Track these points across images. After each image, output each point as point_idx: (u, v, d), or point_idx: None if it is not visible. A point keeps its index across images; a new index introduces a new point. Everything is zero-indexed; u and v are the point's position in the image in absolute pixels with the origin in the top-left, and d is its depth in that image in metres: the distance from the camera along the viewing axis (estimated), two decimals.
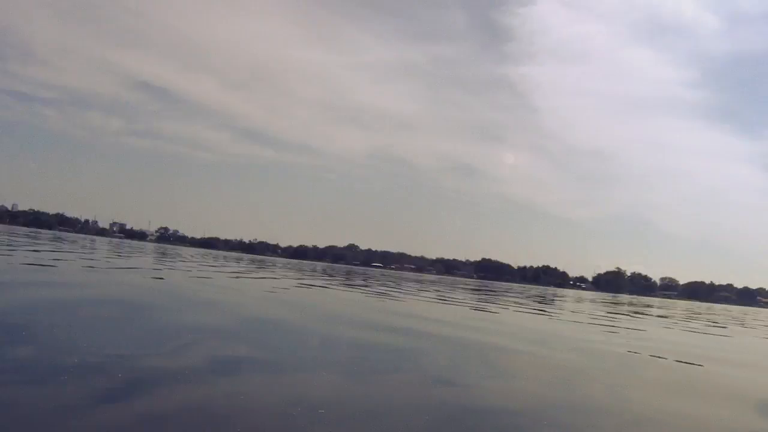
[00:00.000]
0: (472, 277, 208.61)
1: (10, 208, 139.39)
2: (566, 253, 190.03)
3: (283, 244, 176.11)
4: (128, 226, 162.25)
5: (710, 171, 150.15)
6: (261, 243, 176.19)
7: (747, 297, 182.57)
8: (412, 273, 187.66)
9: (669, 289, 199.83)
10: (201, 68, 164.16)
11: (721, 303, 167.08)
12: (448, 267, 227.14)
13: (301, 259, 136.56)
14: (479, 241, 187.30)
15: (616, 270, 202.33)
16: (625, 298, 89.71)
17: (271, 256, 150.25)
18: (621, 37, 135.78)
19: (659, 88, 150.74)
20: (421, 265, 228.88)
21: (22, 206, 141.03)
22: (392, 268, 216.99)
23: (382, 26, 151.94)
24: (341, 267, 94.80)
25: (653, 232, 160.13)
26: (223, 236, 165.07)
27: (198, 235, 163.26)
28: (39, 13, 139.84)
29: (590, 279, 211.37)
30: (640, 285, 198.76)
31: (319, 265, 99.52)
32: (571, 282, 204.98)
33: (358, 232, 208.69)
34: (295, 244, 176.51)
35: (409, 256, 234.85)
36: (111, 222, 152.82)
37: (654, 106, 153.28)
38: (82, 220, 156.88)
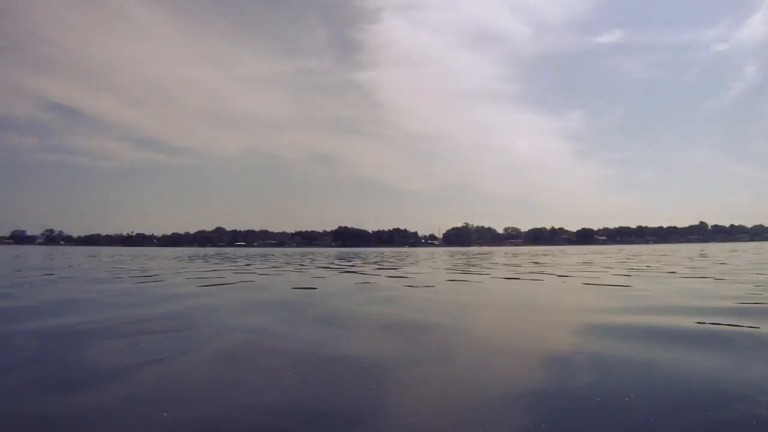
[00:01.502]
0: (331, 246, 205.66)
1: None
2: (412, 219, 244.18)
3: (158, 234, 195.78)
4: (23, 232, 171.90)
5: (525, 144, 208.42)
6: (139, 234, 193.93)
7: (585, 237, 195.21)
8: (274, 248, 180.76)
9: (513, 237, 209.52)
10: (104, 88, 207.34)
11: (562, 244, 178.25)
12: (308, 238, 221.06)
13: (174, 245, 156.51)
14: (336, 215, 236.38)
15: (464, 225, 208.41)
16: (473, 249, 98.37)
17: (149, 246, 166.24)
18: (451, 45, 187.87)
19: (482, 84, 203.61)
20: (282, 239, 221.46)
21: None
22: (255, 245, 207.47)
23: (257, 44, 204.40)
24: (209, 249, 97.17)
25: (480, 195, 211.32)
26: (104, 233, 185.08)
27: (82, 234, 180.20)
28: None
29: (440, 236, 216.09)
30: (487, 236, 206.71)
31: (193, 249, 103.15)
32: (423, 240, 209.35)
33: (226, 217, 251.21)
34: (168, 233, 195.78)
35: (271, 232, 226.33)
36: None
37: (477, 98, 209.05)
38: None
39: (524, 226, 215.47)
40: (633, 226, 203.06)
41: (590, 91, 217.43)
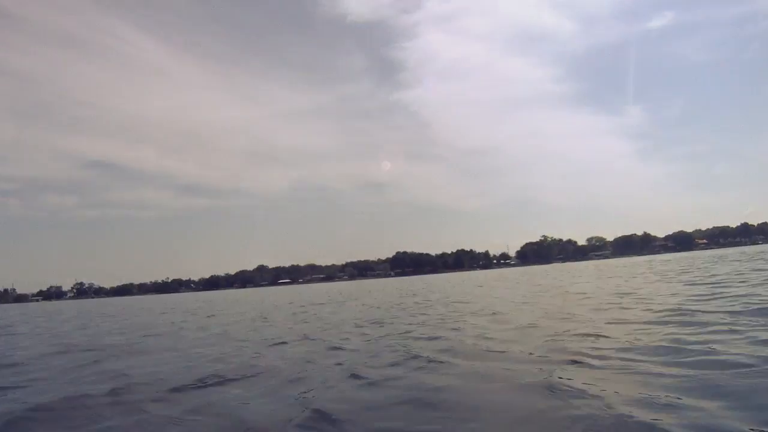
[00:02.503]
0: (389, 275, 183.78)
1: None
2: (474, 239, 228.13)
3: (195, 278, 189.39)
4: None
5: (584, 148, 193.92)
6: (175, 280, 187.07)
7: (685, 242, 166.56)
8: (321, 283, 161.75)
9: (599, 249, 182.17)
10: (142, 140, 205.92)
11: (661, 253, 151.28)
12: (361, 269, 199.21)
13: (213, 289, 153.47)
14: (392, 242, 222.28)
15: (541, 239, 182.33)
16: (559, 266, 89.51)
17: (185, 291, 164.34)
18: (495, 52, 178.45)
19: (530, 88, 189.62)
20: (330, 272, 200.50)
21: None
22: (300, 281, 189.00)
23: (292, 77, 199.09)
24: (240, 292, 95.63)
25: (541, 207, 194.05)
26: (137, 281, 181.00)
27: (114, 284, 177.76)
28: None
29: (513, 254, 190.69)
30: (569, 250, 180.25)
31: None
32: (495, 261, 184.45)
33: (272, 255, 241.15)
34: (206, 275, 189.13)
35: (319, 266, 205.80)
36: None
37: (527, 103, 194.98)
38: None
39: (606, 235, 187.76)
40: (709, 226, 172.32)
41: (647, 83, 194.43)
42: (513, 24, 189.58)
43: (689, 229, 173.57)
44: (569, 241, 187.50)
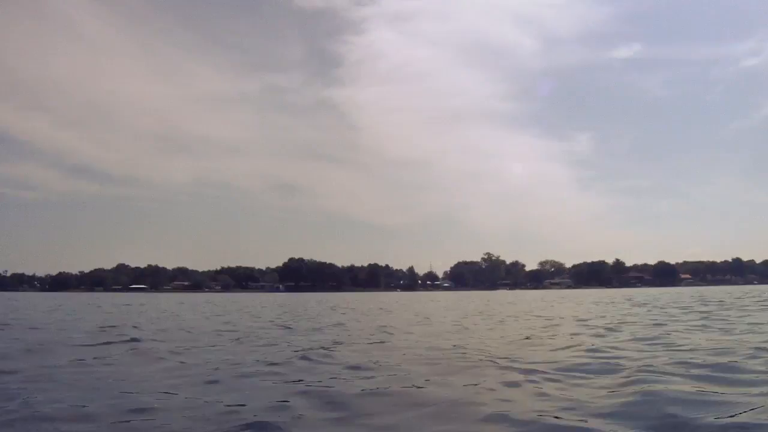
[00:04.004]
0: (277, 290, 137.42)
1: None
2: (391, 257, 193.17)
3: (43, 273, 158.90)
4: None
5: (522, 171, 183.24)
6: (15, 275, 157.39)
7: (665, 275, 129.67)
8: (183, 293, 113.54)
9: (554, 276, 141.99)
10: (36, 107, 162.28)
11: (637, 286, 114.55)
12: (240, 278, 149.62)
13: (60, 290, 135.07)
14: (291, 251, 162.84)
15: (485, 257, 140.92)
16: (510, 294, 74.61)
17: (25, 290, 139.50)
18: (445, 60, 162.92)
19: (475, 103, 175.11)
20: (200, 280, 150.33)
21: None
22: (165, 289, 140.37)
23: (221, 58, 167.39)
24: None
25: (469, 229, 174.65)
26: None
27: None
28: None
29: (442, 275, 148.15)
30: (518, 275, 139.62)
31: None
32: (420, 282, 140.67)
33: (148, 253, 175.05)
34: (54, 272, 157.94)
35: (191, 270, 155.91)
36: None
37: (468, 118, 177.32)
38: None
39: (564, 261, 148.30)
40: (672, 262, 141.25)
41: (601, 111, 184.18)
42: (470, 33, 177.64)
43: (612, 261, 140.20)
44: (515, 264, 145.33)
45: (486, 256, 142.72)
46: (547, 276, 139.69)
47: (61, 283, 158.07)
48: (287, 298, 59.91)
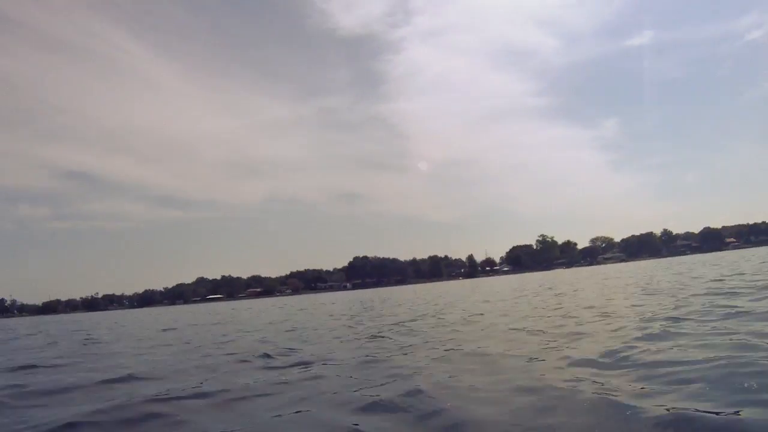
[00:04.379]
0: (344, 287, 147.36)
1: None
2: (446, 249, 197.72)
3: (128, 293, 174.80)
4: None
5: (558, 160, 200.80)
6: (106, 296, 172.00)
7: (712, 240, 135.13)
8: (257, 299, 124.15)
9: (606, 251, 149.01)
10: (119, 150, 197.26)
11: (686, 254, 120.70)
12: (308, 280, 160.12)
13: (147, 306, 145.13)
14: (355, 252, 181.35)
15: (540, 239, 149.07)
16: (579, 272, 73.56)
17: (114, 308, 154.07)
18: (478, 67, 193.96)
19: (509, 101, 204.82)
20: (272, 285, 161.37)
21: None
22: (240, 297, 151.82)
23: (277, 89, 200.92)
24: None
25: (515, 217, 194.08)
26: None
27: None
28: None
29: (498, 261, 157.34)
30: (572, 254, 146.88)
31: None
32: (488, 268, 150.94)
33: (225, 267, 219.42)
34: (140, 291, 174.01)
35: (262, 277, 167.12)
36: None
37: (505, 116, 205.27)
38: None
39: (613, 236, 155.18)
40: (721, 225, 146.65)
41: (623, 97, 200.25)
42: (498, 40, 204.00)
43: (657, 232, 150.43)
44: (568, 243, 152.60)
45: (540, 238, 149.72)
46: (599, 252, 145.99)
47: (146, 299, 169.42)
48: (370, 294, 57.21)
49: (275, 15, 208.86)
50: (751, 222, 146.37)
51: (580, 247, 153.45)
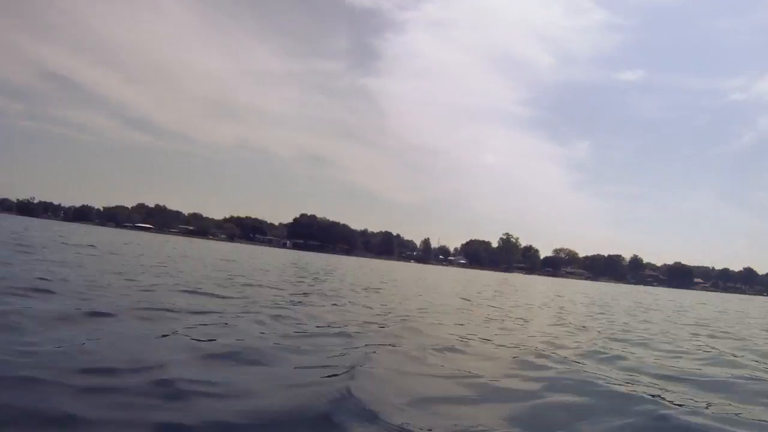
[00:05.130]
0: (284, 245, 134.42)
1: None
2: (398, 228, 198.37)
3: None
4: None
5: (522, 168, 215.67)
6: (41, 203, 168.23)
7: (680, 277, 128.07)
8: (183, 236, 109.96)
9: (567, 265, 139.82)
10: (107, 63, 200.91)
11: (653, 285, 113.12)
12: (247, 229, 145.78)
13: (80, 221, 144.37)
14: (307, 211, 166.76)
15: (504, 237, 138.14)
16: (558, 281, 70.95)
17: (48, 218, 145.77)
18: (473, 65, 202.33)
19: (492, 104, 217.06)
20: (204, 227, 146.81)
21: None
22: (171, 231, 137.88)
23: (276, 42, 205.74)
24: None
25: (469, 214, 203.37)
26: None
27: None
28: None
29: (456, 249, 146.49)
30: (533, 261, 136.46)
31: None
32: (441, 256, 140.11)
33: (176, 200, 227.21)
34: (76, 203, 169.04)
35: (204, 217, 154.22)
36: None
37: (486, 117, 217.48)
38: None
39: (577, 249, 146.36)
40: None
41: (601, 124, 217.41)
42: (498, 45, 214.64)
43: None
44: (530, 248, 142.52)
45: (504, 236, 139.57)
46: (562, 263, 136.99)
47: (81, 214, 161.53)
48: (310, 258, 53.07)
49: None
50: (716, 267, 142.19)
51: (541, 255, 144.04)
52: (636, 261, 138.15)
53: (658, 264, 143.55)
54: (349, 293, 13.44)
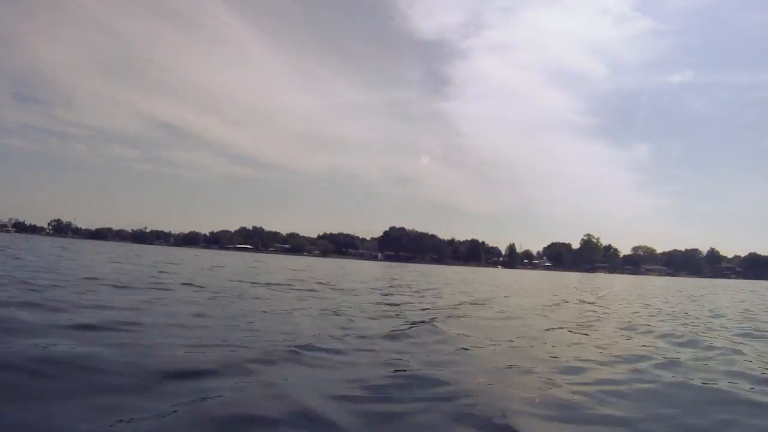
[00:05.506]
0: (375, 258, 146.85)
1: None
2: (481, 237, 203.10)
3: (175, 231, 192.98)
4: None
5: (589, 173, 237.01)
6: (153, 231, 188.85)
7: (757, 267, 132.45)
8: (281, 254, 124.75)
9: (647, 262, 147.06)
10: (210, 109, 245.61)
11: (731, 278, 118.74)
12: (340, 244, 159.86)
13: (189, 246, 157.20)
14: (391, 223, 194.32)
15: (586, 239, 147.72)
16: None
17: (159, 244, 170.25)
18: (535, 82, 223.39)
19: (556, 116, 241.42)
20: (301, 244, 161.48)
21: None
22: (267, 250, 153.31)
23: (356, 77, 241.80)
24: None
25: (543, 219, 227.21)
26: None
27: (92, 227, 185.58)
28: (83, 65, 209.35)
29: (538, 253, 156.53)
30: (614, 259, 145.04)
31: None
32: (525, 261, 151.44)
33: (276, 222, 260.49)
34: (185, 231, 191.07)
35: (297, 235, 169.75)
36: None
37: (551, 129, 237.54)
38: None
39: (656, 246, 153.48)
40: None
41: (658, 126, 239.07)
42: (555, 61, 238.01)
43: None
44: (610, 247, 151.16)
45: (586, 237, 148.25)
46: (643, 261, 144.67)
47: (189, 239, 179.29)
48: (401, 270, 52.49)
49: (364, 12, 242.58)
50: None
51: (620, 254, 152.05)
52: (713, 254, 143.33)
53: (730, 256, 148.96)
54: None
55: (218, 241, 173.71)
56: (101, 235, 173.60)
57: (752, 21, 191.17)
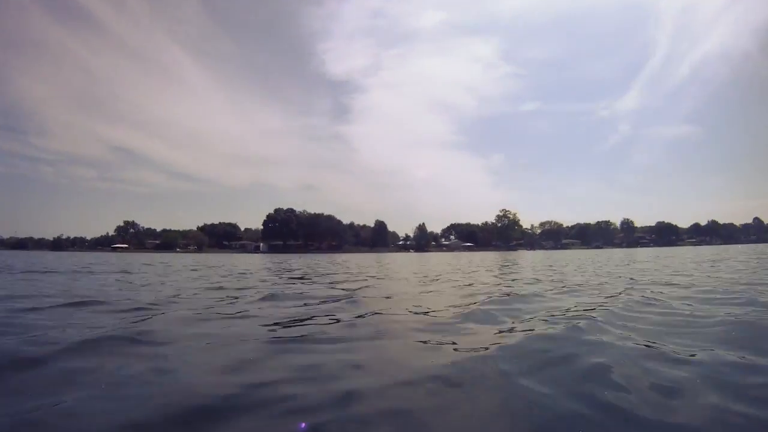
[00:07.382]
0: (255, 250, 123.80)
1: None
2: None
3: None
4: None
5: (456, 177, 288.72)
6: (67, 238, 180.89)
7: (667, 234, 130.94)
8: (154, 252, 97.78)
9: (558, 236, 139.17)
10: (158, 135, 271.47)
11: (644, 246, 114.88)
12: (218, 236, 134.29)
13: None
14: None
15: (502, 214, 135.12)
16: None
17: (75, 249, 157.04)
18: (417, 110, 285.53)
19: (434, 135, 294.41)
20: (173, 239, 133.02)
21: None
22: (147, 248, 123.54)
23: (277, 106, 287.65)
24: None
25: (420, 215, 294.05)
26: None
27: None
28: (58, 97, 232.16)
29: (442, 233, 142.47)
30: (531, 235, 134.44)
31: None
32: (433, 243, 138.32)
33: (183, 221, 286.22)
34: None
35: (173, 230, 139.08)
36: None
37: (428, 145, 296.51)
38: None
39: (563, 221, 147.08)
40: None
41: (510, 141, 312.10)
42: (434, 94, 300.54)
43: None
44: (516, 224, 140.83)
45: (501, 213, 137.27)
46: (551, 236, 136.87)
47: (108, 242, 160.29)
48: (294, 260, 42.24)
49: (289, 55, 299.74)
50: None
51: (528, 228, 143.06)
52: (627, 223, 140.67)
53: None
54: None
55: (104, 242, 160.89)
56: (22, 245, 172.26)
57: (583, 68, 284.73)
